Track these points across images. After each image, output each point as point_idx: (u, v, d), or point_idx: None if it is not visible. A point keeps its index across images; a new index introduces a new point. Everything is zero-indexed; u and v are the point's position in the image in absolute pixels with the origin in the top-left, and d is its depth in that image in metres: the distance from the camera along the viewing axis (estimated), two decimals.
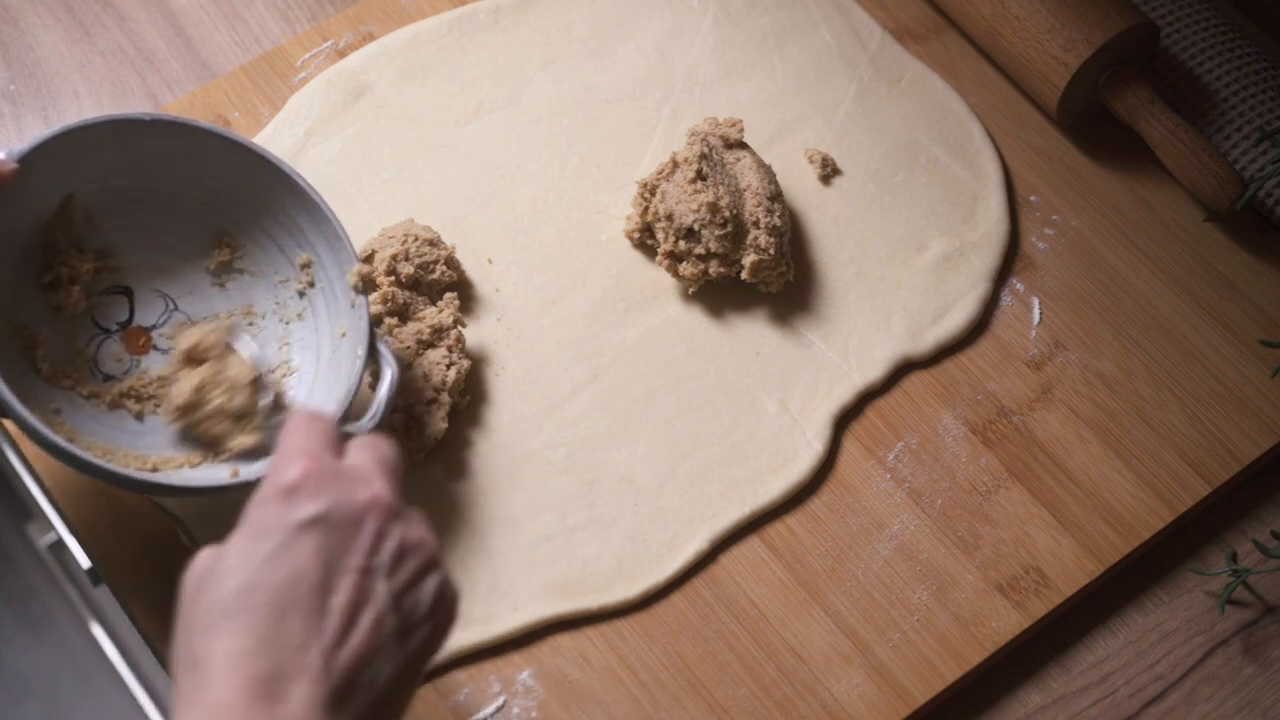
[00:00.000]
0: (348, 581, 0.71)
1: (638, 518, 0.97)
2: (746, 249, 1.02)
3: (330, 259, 0.95)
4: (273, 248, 0.97)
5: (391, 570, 0.73)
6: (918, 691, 0.93)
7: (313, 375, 0.95)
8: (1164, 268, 1.09)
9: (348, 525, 0.73)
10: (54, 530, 0.99)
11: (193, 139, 0.94)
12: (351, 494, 0.73)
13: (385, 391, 0.91)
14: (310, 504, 0.72)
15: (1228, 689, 0.97)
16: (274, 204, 0.96)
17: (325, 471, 0.74)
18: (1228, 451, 1.02)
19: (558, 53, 1.14)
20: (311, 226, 0.96)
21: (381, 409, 0.91)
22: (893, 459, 1.01)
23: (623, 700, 0.93)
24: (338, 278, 0.95)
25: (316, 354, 0.96)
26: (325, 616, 0.70)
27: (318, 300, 0.96)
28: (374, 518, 0.73)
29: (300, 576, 0.71)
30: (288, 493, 0.73)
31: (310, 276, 0.97)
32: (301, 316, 0.97)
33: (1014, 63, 1.13)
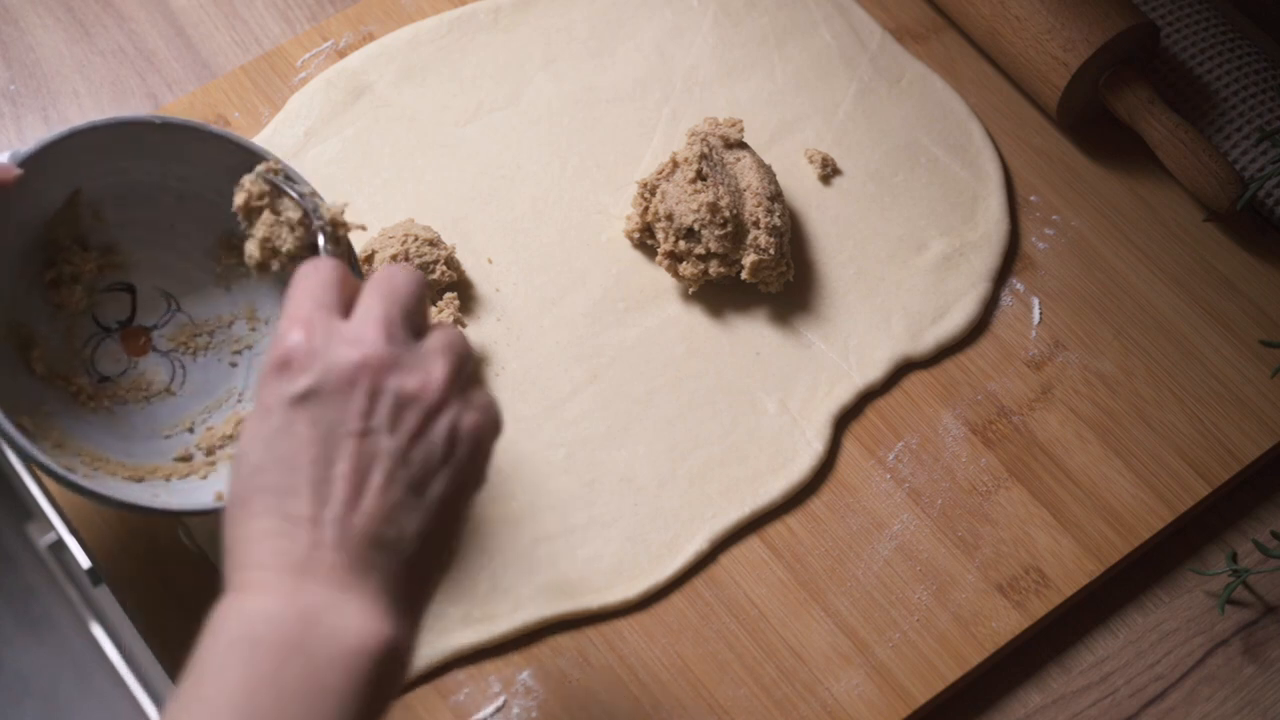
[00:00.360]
0: (347, 448, 0.72)
1: (638, 518, 0.97)
2: (746, 249, 1.02)
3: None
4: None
5: (392, 426, 0.73)
6: (918, 691, 0.93)
7: None
8: (1164, 268, 1.09)
9: (340, 391, 0.73)
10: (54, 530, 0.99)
11: (202, 142, 0.93)
12: (340, 358, 0.73)
13: None
14: (301, 378, 0.73)
15: (1228, 689, 0.97)
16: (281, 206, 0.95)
17: (315, 337, 0.74)
18: (1228, 451, 1.02)
19: (558, 53, 1.14)
20: (319, 232, 0.94)
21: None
22: (893, 459, 1.01)
23: (623, 700, 0.93)
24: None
25: None
26: (330, 485, 0.71)
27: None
28: (365, 378, 0.73)
29: (299, 452, 0.72)
30: (280, 367, 0.73)
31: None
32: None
33: (1014, 63, 1.13)
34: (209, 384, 0.96)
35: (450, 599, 0.94)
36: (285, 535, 0.70)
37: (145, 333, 0.96)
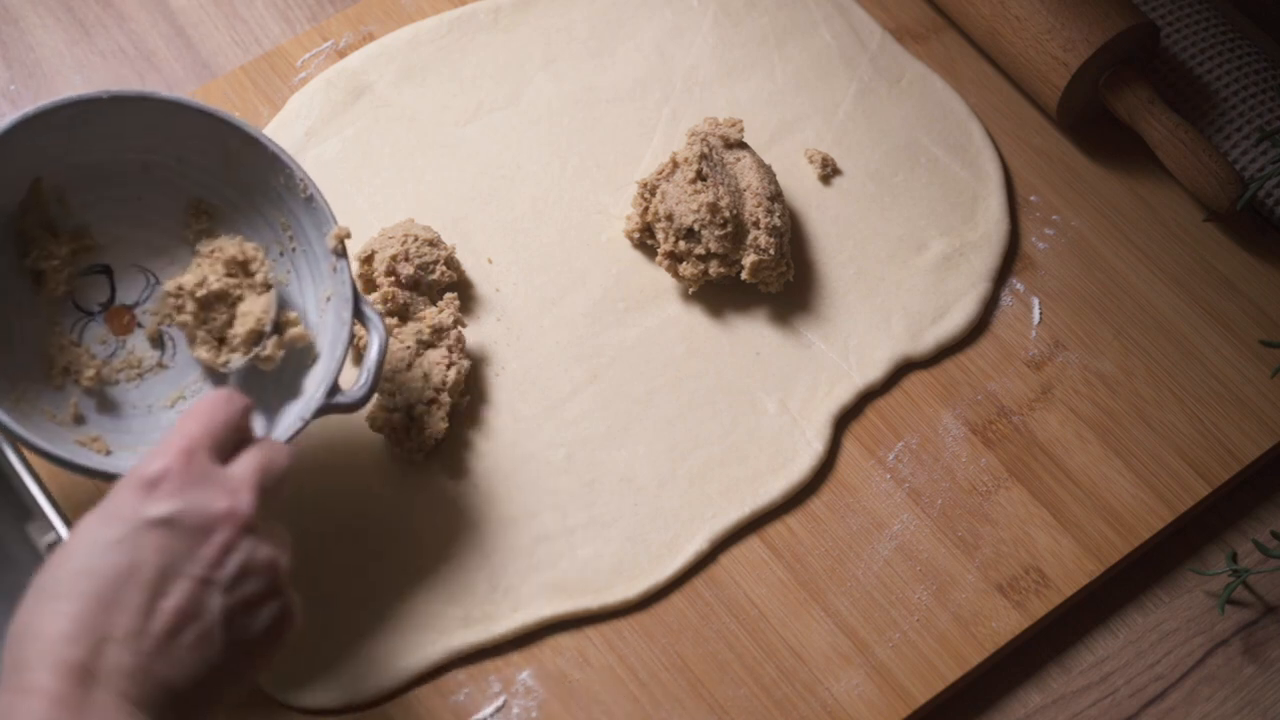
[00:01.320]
0: (182, 587, 0.72)
1: (638, 518, 0.97)
2: (746, 249, 1.02)
3: (309, 223, 0.94)
4: (252, 214, 0.95)
5: (231, 586, 0.73)
6: (918, 691, 0.93)
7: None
8: (1164, 268, 1.09)
9: (196, 531, 0.73)
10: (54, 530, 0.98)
11: (157, 111, 0.92)
12: (210, 501, 0.73)
13: (375, 355, 0.91)
14: (164, 502, 0.73)
15: (1228, 689, 0.97)
16: (247, 170, 0.94)
17: (192, 472, 0.74)
18: (1228, 451, 1.02)
19: (558, 53, 1.14)
20: (287, 191, 0.94)
21: (371, 375, 0.90)
22: (893, 459, 1.01)
23: (623, 700, 0.93)
24: (318, 241, 0.93)
25: (304, 319, 0.94)
26: (151, 618, 0.71)
27: (300, 265, 0.95)
28: (225, 529, 0.73)
29: (135, 572, 0.71)
30: (148, 485, 0.73)
31: (291, 241, 0.95)
32: (284, 282, 0.95)
33: (1014, 63, 1.13)
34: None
35: (450, 599, 0.94)
36: (86, 647, 0.69)
37: (128, 311, 0.95)
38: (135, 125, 0.92)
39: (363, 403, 0.90)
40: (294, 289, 0.95)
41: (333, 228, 0.92)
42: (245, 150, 0.93)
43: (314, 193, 0.93)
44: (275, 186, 0.94)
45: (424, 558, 0.95)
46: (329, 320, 0.93)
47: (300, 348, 0.93)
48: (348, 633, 0.93)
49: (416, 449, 0.97)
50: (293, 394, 0.92)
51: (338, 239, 0.92)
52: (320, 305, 0.94)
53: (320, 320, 0.93)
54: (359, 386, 0.90)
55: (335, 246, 0.92)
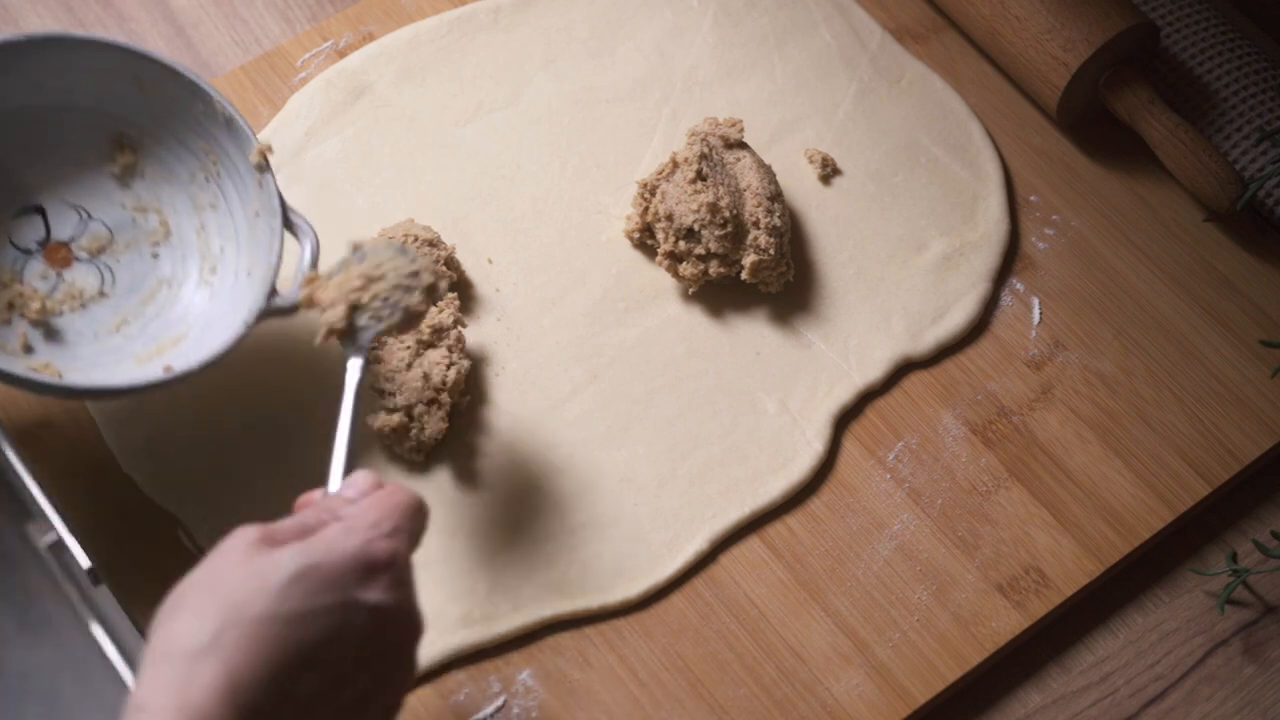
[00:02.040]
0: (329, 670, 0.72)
1: (638, 518, 0.97)
2: (746, 249, 1.02)
3: (232, 145, 0.96)
4: (173, 142, 0.98)
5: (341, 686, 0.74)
6: (918, 691, 0.93)
7: (235, 258, 0.97)
8: (1164, 268, 1.09)
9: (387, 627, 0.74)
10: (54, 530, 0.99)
11: (71, 50, 0.95)
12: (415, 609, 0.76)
13: (308, 257, 0.93)
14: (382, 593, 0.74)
15: (1228, 689, 0.97)
16: (165, 100, 0.97)
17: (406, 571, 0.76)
18: (1228, 451, 1.02)
19: (558, 53, 1.14)
20: (207, 117, 0.96)
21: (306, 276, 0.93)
22: (893, 459, 1.01)
23: (623, 700, 0.93)
24: (241, 160, 0.96)
25: (236, 238, 0.97)
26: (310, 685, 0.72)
27: (227, 186, 0.98)
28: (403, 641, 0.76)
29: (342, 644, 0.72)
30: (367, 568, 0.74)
31: (215, 165, 0.98)
32: (214, 205, 0.98)
33: (1014, 63, 1.13)
34: (137, 279, 0.99)
35: (450, 599, 0.94)
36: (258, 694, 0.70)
37: (64, 246, 0.98)
38: (51, 67, 0.95)
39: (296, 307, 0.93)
40: (223, 211, 0.98)
41: (254, 145, 0.95)
42: (161, 81, 0.96)
43: (233, 114, 0.95)
44: (195, 113, 0.96)
45: (424, 558, 0.95)
46: (260, 233, 0.95)
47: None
48: None
49: (416, 449, 0.97)
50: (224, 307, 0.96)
51: (260, 154, 0.95)
52: (251, 221, 0.96)
53: (252, 234, 0.96)
54: (296, 288, 0.93)
55: (258, 162, 0.95)
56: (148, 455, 0.98)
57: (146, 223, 0.99)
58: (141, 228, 0.99)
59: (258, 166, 0.95)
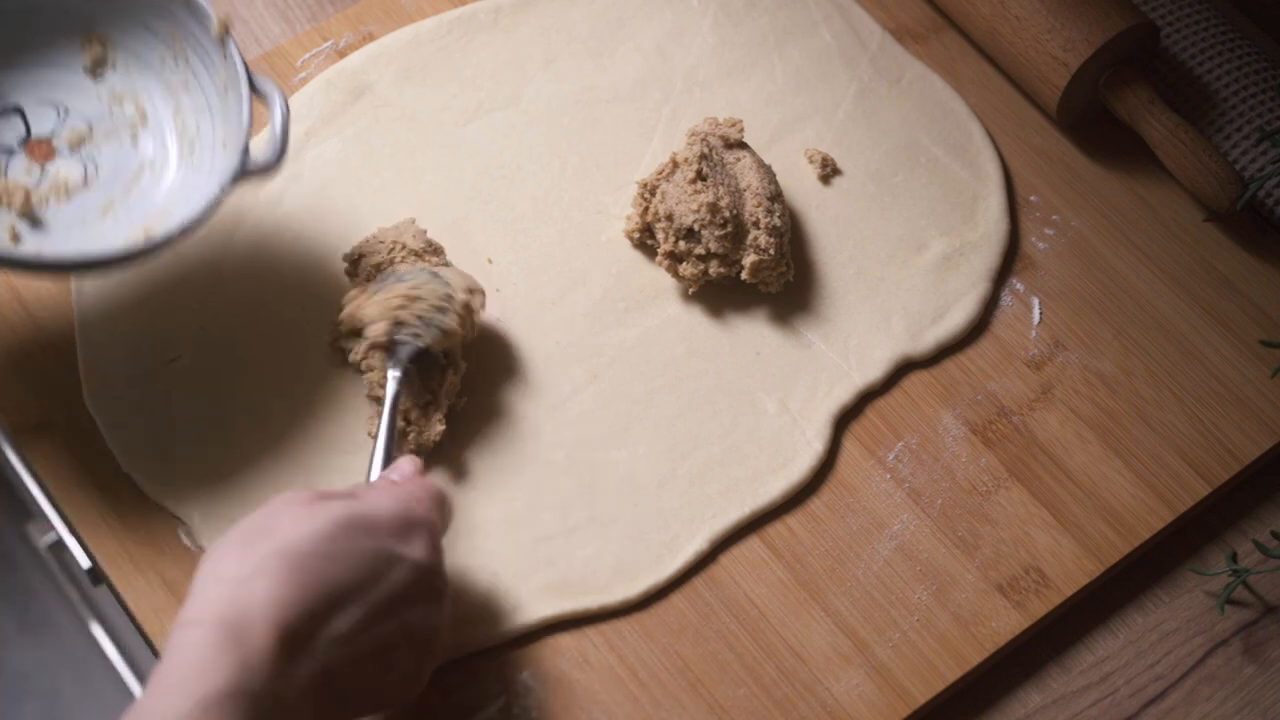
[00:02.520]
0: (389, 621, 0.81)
1: (638, 518, 0.97)
2: (746, 249, 1.02)
3: (194, 23, 0.99)
4: (139, 29, 1.01)
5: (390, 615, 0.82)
6: (918, 691, 0.93)
7: (211, 134, 0.99)
8: (1164, 268, 1.09)
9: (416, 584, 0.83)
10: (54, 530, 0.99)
11: None
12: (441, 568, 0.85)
13: (279, 119, 0.96)
14: (419, 550, 0.83)
15: (1228, 689, 0.97)
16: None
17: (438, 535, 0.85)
18: (1228, 451, 1.02)
19: (558, 53, 1.14)
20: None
21: (279, 138, 0.96)
22: (893, 459, 1.01)
23: (623, 700, 0.93)
24: (205, 37, 0.98)
25: (210, 113, 1.00)
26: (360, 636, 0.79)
27: (195, 64, 1.00)
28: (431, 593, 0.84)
29: (361, 577, 0.79)
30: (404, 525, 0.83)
31: (182, 46, 1.00)
32: (186, 85, 1.01)
33: (1014, 63, 1.13)
34: (119, 166, 1.01)
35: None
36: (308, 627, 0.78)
37: (46, 141, 1.00)
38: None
39: (276, 163, 0.96)
40: (195, 89, 1.00)
41: (213, 20, 0.97)
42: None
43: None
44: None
45: None
46: (230, 105, 0.98)
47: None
48: None
49: (415, 451, 0.97)
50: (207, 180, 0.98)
51: (220, 27, 0.97)
52: (222, 95, 0.99)
53: (224, 107, 0.98)
54: (270, 150, 0.96)
55: (218, 34, 0.97)
56: (148, 455, 0.98)
57: (123, 111, 1.01)
58: (119, 117, 1.01)
59: (218, 39, 0.97)
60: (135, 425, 0.98)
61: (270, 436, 0.98)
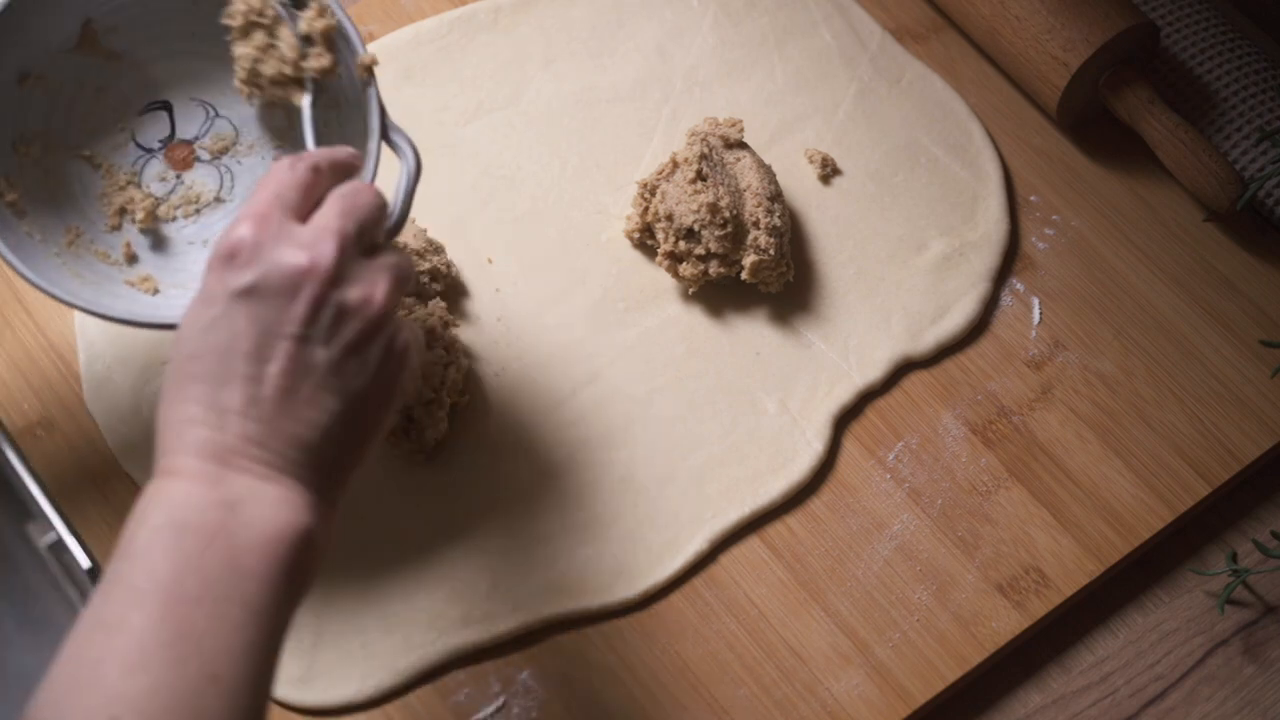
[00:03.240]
0: (283, 349, 0.74)
1: (638, 518, 0.97)
2: (746, 249, 1.02)
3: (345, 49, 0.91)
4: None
5: (330, 337, 0.75)
6: (918, 691, 0.93)
7: None
8: (1164, 268, 1.09)
9: (283, 292, 0.74)
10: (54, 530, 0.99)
11: None
12: (289, 259, 0.74)
13: (404, 183, 0.88)
14: (245, 272, 0.74)
15: (1228, 689, 0.97)
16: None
17: (267, 234, 0.75)
18: (1228, 451, 1.02)
19: (558, 53, 1.14)
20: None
21: (402, 200, 0.88)
22: (893, 459, 1.01)
23: (623, 700, 0.93)
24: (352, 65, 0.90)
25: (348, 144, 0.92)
26: (261, 384, 0.73)
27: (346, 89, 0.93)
28: (311, 284, 0.74)
29: (235, 344, 0.73)
30: (227, 258, 0.74)
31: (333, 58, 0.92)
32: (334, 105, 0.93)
33: (1014, 63, 1.13)
34: (255, 183, 0.97)
35: (450, 599, 0.94)
36: (213, 425, 0.73)
37: (187, 145, 0.97)
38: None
39: (395, 230, 0.88)
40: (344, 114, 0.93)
41: (362, 54, 0.90)
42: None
43: (342, 19, 0.90)
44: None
45: (424, 557, 0.95)
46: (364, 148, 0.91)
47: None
48: (348, 632, 0.93)
49: (416, 450, 0.97)
50: None
51: (363, 67, 0.90)
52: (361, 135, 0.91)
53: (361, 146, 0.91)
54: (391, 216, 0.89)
55: (362, 75, 0.90)
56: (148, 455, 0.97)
57: (272, 120, 0.97)
58: (267, 126, 0.97)
59: (362, 81, 0.90)
60: (135, 425, 0.98)
61: None
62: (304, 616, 0.93)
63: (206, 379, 0.73)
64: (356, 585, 0.94)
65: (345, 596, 0.94)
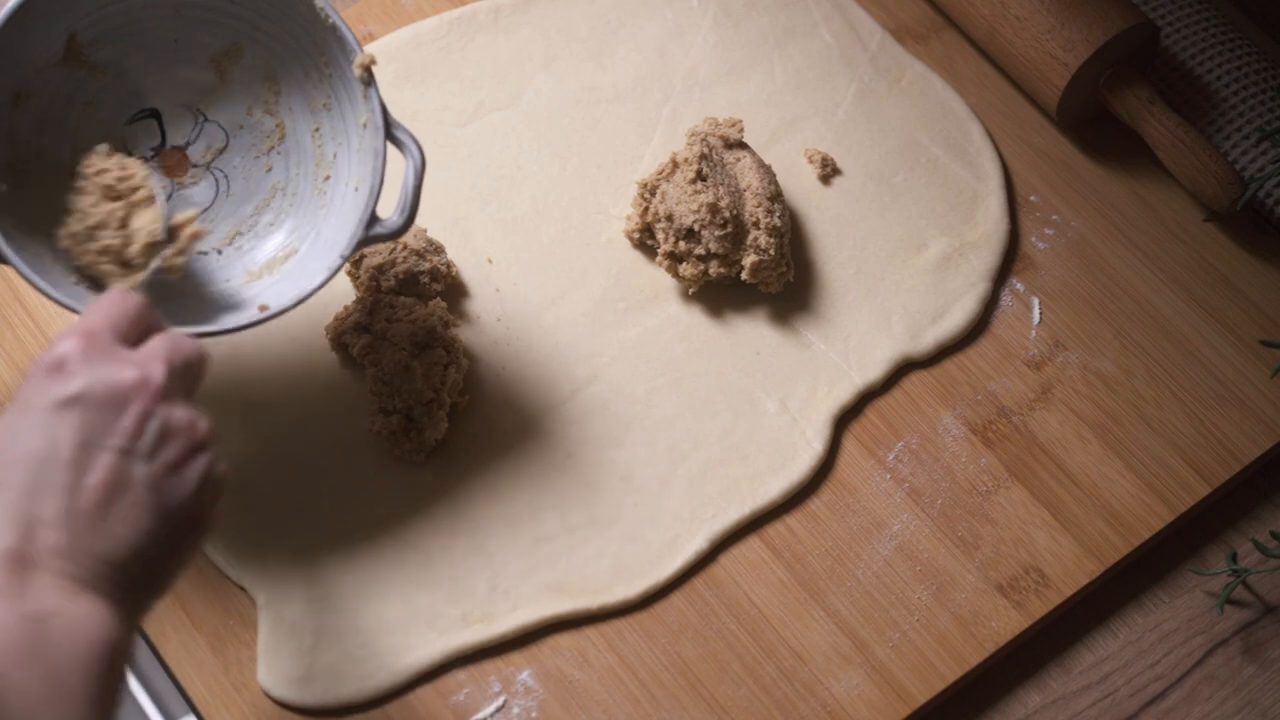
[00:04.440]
0: (104, 461, 0.72)
1: (638, 518, 0.97)
2: (746, 249, 1.02)
3: (338, 50, 0.94)
4: (289, 40, 0.95)
5: (152, 453, 0.73)
6: (918, 691, 0.93)
7: (346, 168, 0.95)
8: (1164, 268, 1.09)
9: (109, 405, 0.73)
10: None
11: None
12: (118, 374, 0.73)
13: (411, 180, 0.90)
14: (72, 381, 0.72)
15: (1228, 689, 0.97)
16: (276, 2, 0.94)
17: (96, 350, 0.74)
18: (1228, 451, 1.02)
19: (558, 53, 1.14)
20: (313, 19, 0.94)
21: (410, 200, 0.90)
22: (893, 459, 1.01)
23: (623, 700, 0.93)
24: (348, 67, 0.93)
25: (348, 146, 0.95)
26: (77, 495, 0.71)
27: (338, 89, 0.95)
28: (139, 400, 0.73)
29: (54, 453, 0.71)
30: (53, 368, 0.73)
31: (327, 67, 0.95)
32: (328, 106, 0.96)
33: (1014, 63, 1.13)
34: (251, 186, 0.98)
35: (450, 599, 0.94)
36: (12, 534, 0.70)
37: (180, 151, 0.96)
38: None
39: (403, 230, 0.90)
40: (335, 114, 0.96)
41: (358, 55, 0.92)
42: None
43: (336, 20, 0.92)
44: (302, 14, 0.94)
45: (424, 558, 0.95)
46: (366, 146, 0.93)
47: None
48: (348, 632, 0.93)
49: (417, 450, 0.97)
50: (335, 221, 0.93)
51: (362, 66, 0.92)
52: (359, 130, 0.94)
53: (361, 145, 0.94)
54: (398, 214, 0.90)
55: (361, 75, 0.92)
56: None
57: (263, 124, 0.97)
58: (258, 130, 0.98)
59: (361, 79, 0.93)
60: None
61: (269, 436, 0.98)
62: (304, 617, 0.93)
63: (16, 487, 0.70)
64: (356, 585, 0.94)
65: (345, 596, 0.94)
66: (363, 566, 0.95)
